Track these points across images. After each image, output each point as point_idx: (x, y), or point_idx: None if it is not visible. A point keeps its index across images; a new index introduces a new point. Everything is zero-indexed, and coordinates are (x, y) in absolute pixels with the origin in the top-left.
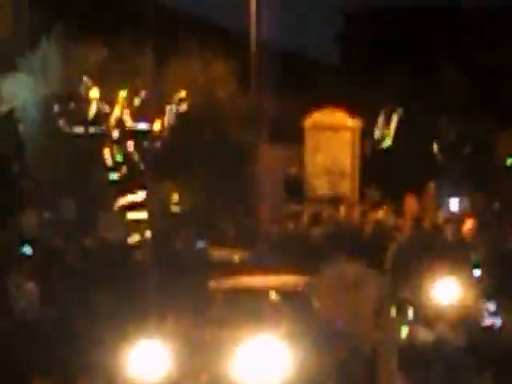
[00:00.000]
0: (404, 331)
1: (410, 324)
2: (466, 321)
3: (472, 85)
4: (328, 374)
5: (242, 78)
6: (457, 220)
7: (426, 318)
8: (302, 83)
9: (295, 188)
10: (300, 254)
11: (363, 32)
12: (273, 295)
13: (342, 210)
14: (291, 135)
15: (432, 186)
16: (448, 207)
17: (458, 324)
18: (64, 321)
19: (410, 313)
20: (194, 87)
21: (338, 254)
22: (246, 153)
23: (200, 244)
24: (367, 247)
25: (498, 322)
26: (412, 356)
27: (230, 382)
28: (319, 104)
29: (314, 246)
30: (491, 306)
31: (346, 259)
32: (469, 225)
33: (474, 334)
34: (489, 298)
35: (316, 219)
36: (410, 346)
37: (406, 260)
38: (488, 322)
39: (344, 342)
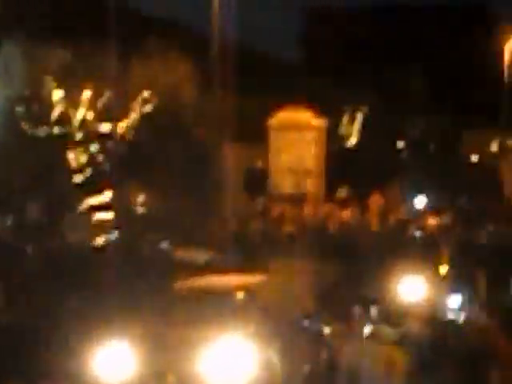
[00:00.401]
0: (368, 329)
1: (374, 321)
2: (431, 318)
3: (436, 84)
4: (293, 371)
5: (206, 78)
6: (420, 217)
7: (390, 316)
8: (266, 83)
9: (258, 186)
10: (265, 252)
11: (326, 32)
12: (237, 295)
13: (307, 208)
14: (256, 135)
15: (397, 183)
16: (413, 204)
17: (422, 321)
18: (26, 323)
19: (374, 311)
20: (157, 88)
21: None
22: (209, 153)
23: (165, 245)
24: (332, 246)
25: (461, 317)
26: (375, 353)
27: (196, 381)
28: (284, 104)
29: (278, 244)
30: (455, 302)
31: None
32: (432, 222)
33: (439, 330)
34: (453, 294)
35: (280, 218)
36: (374, 343)
37: (369, 258)
38: (451, 316)
39: (309, 337)
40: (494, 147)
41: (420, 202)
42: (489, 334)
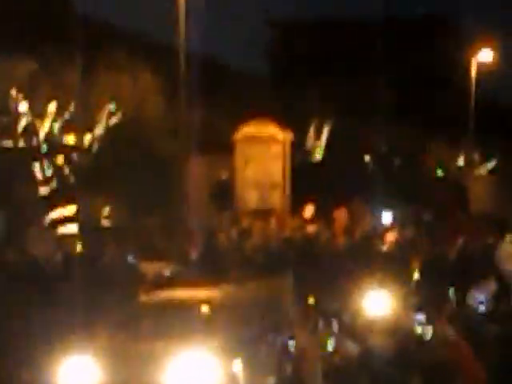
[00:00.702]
0: (330, 343)
1: (336, 336)
2: (396, 332)
3: (402, 97)
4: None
5: (171, 90)
6: (385, 232)
7: (352, 330)
8: (232, 96)
9: (224, 199)
10: (231, 266)
11: (292, 45)
12: (202, 308)
13: (273, 223)
14: (222, 148)
15: (362, 198)
16: (380, 219)
17: (387, 335)
18: None
19: (335, 325)
20: (123, 100)
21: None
22: (175, 165)
23: (130, 258)
24: (298, 260)
25: (428, 332)
26: (337, 368)
27: None
28: (250, 116)
29: (244, 259)
30: (422, 316)
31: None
32: (390, 237)
33: (404, 346)
34: (420, 308)
35: (246, 232)
36: (335, 357)
37: (334, 272)
38: (418, 331)
39: (273, 351)
40: (461, 161)
41: (386, 216)
42: (456, 349)
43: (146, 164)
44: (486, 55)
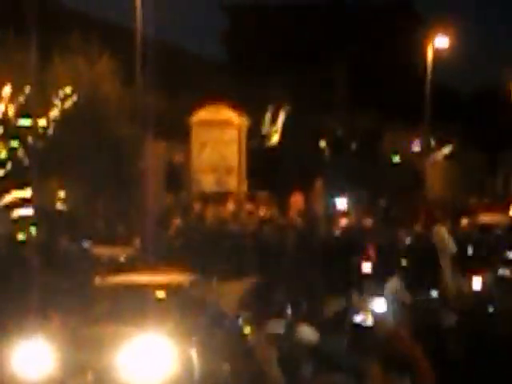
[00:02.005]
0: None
1: (291, 321)
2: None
3: (359, 83)
4: (212, 369)
5: (128, 74)
6: (340, 217)
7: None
8: (189, 80)
9: (179, 183)
10: (187, 251)
11: (249, 30)
12: (157, 292)
13: (229, 206)
14: (178, 131)
15: (318, 182)
16: (334, 204)
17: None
18: None
19: (289, 310)
20: (79, 84)
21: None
22: (131, 149)
23: (84, 242)
24: (254, 245)
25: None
26: (292, 354)
27: (115, 379)
28: (206, 101)
29: (199, 243)
30: (378, 305)
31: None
32: (343, 223)
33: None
34: (376, 297)
35: (202, 216)
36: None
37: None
38: (359, 319)
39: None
40: (417, 147)
41: (341, 202)
42: (397, 337)
43: (101, 147)
44: (442, 41)
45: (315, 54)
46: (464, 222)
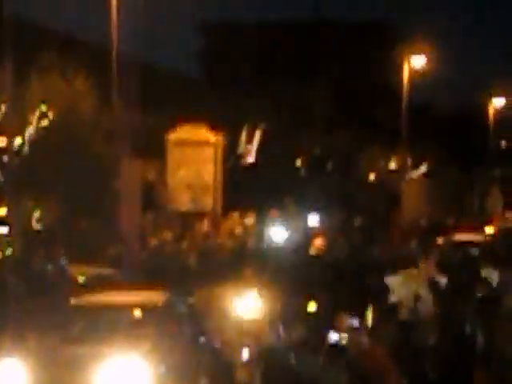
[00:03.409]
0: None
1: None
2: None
3: (337, 102)
4: None
5: (104, 93)
6: (312, 236)
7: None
8: (165, 99)
9: (156, 202)
10: (163, 270)
11: (225, 48)
12: (134, 312)
13: (205, 225)
14: (155, 150)
15: (293, 201)
16: (306, 223)
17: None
18: None
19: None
20: (55, 102)
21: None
22: (108, 168)
23: (61, 261)
24: (230, 263)
25: (344, 338)
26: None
27: None
28: (183, 119)
29: (177, 260)
30: (355, 321)
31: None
32: (318, 242)
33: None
34: (353, 314)
35: (179, 234)
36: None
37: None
38: (333, 339)
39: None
40: (393, 165)
41: (313, 220)
42: (372, 356)
43: (78, 166)
44: (419, 61)
45: (291, 72)
46: (440, 240)
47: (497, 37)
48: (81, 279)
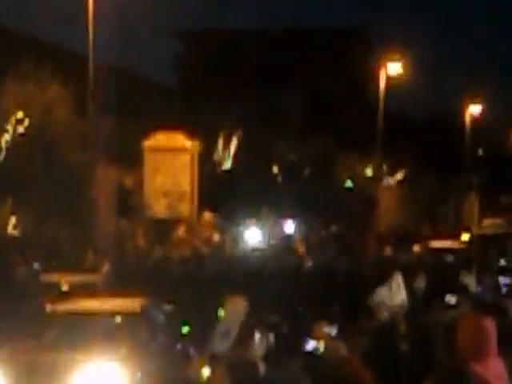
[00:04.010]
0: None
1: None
2: None
3: (312, 109)
4: None
5: (79, 100)
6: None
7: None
8: (141, 106)
9: (131, 209)
10: (139, 276)
11: (200, 56)
12: (110, 318)
13: (181, 231)
14: (130, 157)
15: (269, 208)
16: (282, 229)
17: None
18: None
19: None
20: (30, 109)
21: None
22: (83, 175)
23: (36, 267)
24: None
25: (321, 347)
26: None
27: None
28: (159, 127)
29: (153, 268)
30: (334, 329)
31: None
32: (298, 249)
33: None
34: (333, 321)
35: (155, 241)
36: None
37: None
38: (310, 346)
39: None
40: (370, 172)
41: (289, 227)
42: (347, 364)
43: (54, 173)
44: (395, 68)
45: (267, 79)
46: (416, 247)
47: (472, 45)
48: (64, 286)
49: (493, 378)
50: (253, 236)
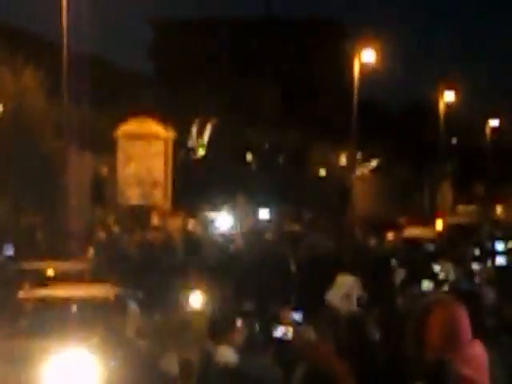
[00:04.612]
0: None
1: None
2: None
3: (287, 97)
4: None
5: (53, 86)
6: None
7: None
8: (115, 93)
9: (104, 196)
10: (113, 264)
11: (175, 43)
12: (83, 306)
13: (154, 219)
14: (104, 145)
15: (243, 196)
16: (257, 217)
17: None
18: None
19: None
20: (3, 95)
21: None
22: (57, 162)
23: (8, 253)
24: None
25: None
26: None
27: None
28: (132, 114)
29: (126, 256)
30: (298, 316)
31: None
32: (269, 235)
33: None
34: (296, 308)
35: (128, 229)
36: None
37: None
38: (280, 333)
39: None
40: (343, 161)
41: (263, 214)
42: (316, 350)
43: (27, 160)
44: (369, 56)
45: (242, 67)
46: (390, 236)
47: (446, 33)
48: (49, 272)
49: (467, 362)
50: (224, 223)
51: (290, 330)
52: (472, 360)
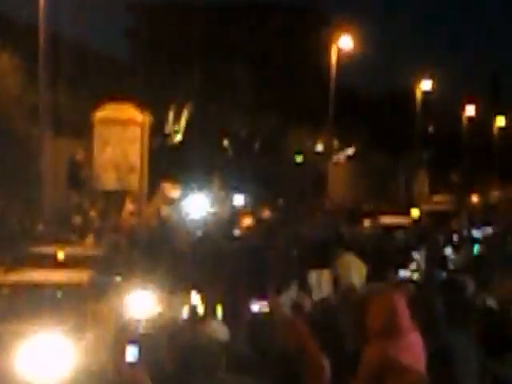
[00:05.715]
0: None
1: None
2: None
3: (263, 83)
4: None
5: (30, 71)
6: (237, 216)
7: None
8: (92, 78)
9: (80, 181)
10: (89, 249)
11: (152, 28)
12: (57, 290)
13: (130, 204)
14: (81, 130)
15: (218, 181)
16: (231, 203)
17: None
18: None
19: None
20: None
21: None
22: (32, 147)
23: None
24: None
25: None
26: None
27: (11, 377)
28: (109, 98)
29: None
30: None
31: None
32: (247, 222)
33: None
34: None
35: (103, 214)
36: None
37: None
38: (256, 308)
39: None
40: (320, 147)
41: (238, 200)
42: (292, 329)
43: (3, 144)
44: (346, 42)
45: (219, 53)
46: (365, 223)
47: (424, 21)
48: (60, 255)
49: (404, 352)
50: (199, 208)
51: (266, 305)
52: (410, 348)
